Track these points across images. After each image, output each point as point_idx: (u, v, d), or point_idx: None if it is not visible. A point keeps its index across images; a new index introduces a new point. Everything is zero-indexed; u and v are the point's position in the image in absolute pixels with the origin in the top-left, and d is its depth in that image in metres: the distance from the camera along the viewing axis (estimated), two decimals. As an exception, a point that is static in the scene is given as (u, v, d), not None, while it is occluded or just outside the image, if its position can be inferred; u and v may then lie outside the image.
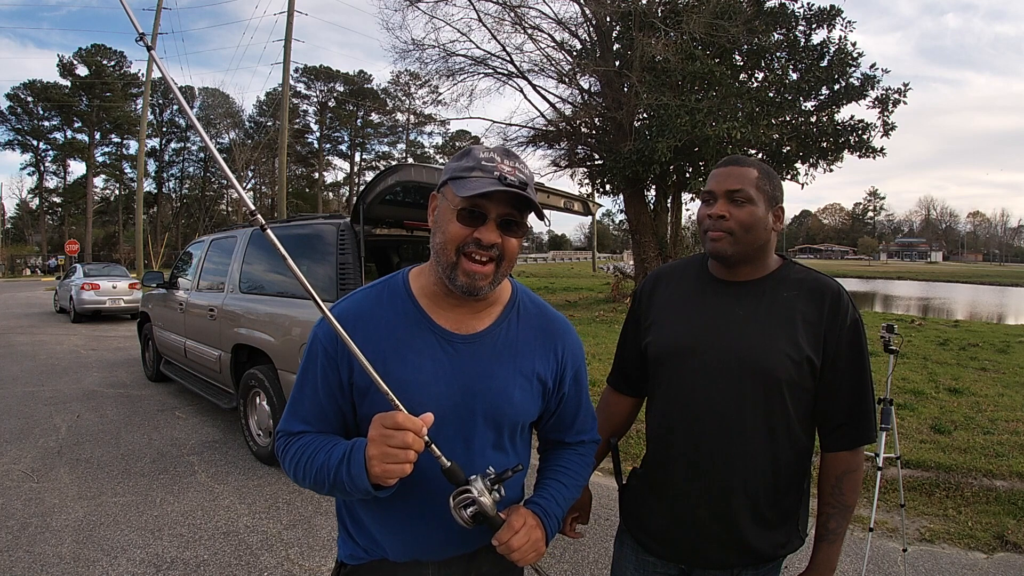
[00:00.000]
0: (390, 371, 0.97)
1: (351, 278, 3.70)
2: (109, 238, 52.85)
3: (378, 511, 1.07)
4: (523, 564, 1.02)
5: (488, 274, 0.99)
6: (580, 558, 2.88)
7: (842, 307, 1.17)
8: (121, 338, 10.34)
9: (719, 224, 1.19)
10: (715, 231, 1.19)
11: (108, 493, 3.56)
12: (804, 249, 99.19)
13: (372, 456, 0.89)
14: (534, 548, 1.01)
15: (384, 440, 0.88)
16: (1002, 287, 34.65)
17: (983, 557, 2.92)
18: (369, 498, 0.97)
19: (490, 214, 0.97)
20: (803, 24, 13.74)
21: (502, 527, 0.98)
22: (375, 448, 0.89)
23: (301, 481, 1.01)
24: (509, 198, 0.97)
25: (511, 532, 0.98)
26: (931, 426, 4.56)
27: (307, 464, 0.99)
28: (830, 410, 1.20)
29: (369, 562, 1.10)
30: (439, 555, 1.09)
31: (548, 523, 1.07)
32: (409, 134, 58.62)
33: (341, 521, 1.14)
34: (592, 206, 4.78)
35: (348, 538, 1.12)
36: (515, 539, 0.98)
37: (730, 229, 1.18)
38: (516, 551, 0.98)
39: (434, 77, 16.00)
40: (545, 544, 1.05)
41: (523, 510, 1.04)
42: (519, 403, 1.07)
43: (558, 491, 1.13)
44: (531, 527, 1.02)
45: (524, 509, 1.05)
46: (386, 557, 1.08)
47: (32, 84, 46.43)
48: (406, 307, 1.06)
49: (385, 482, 0.90)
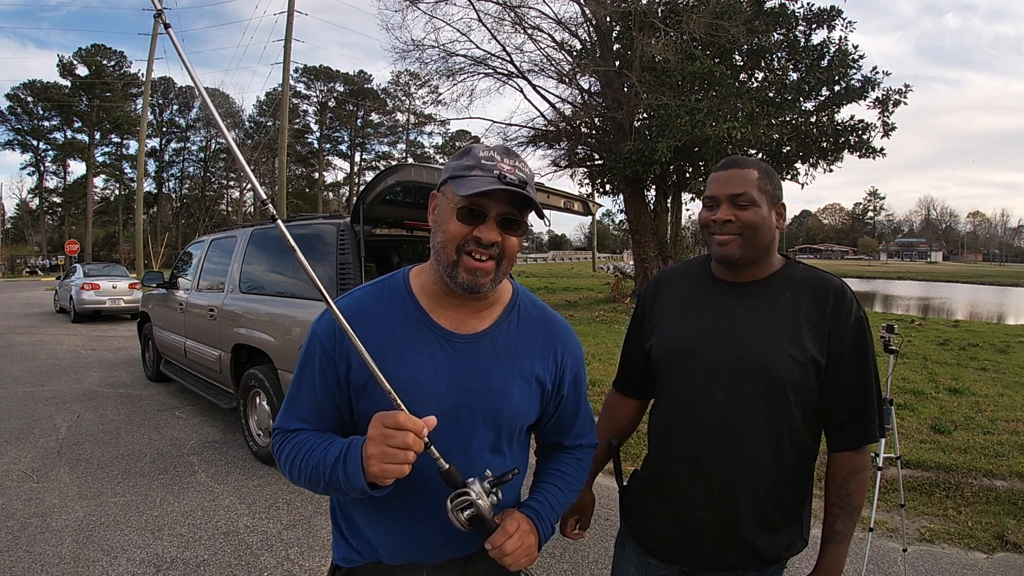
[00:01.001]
0: (389, 369, 0.96)
1: (351, 278, 3.70)
2: (109, 238, 52.85)
3: (373, 512, 1.06)
4: (515, 568, 1.01)
5: (489, 271, 0.99)
6: (580, 558, 2.88)
7: (845, 305, 1.17)
8: (121, 338, 10.34)
9: (726, 228, 1.18)
10: (722, 235, 1.19)
11: (108, 493, 3.55)
12: (804, 249, 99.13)
13: (371, 455, 0.88)
14: (526, 553, 1.01)
15: (384, 440, 0.87)
16: (1002, 287, 34.64)
17: (983, 557, 2.92)
18: (364, 497, 0.96)
19: (490, 213, 0.97)
20: (803, 24, 13.75)
21: (496, 531, 0.98)
22: (374, 447, 0.88)
23: (296, 479, 1.00)
24: (509, 197, 0.97)
25: (505, 536, 0.98)
26: (931, 426, 4.56)
27: (303, 462, 0.98)
28: (834, 409, 1.19)
29: (364, 565, 1.09)
30: (435, 557, 1.08)
31: (542, 527, 1.07)
32: (409, 134, 58.65)
33: (335, 523, 1.13)
34: (592, 206, 4.78)
35: (342, 540, 1.11)
36: (508, 543, 0.98)
37: (738, 232, 1.18)
38: (509, 555, 0.98)
39: (434, 77, 16.02)
40: (538, 549, 1.05)
41: (517, 514, 1.04)
42: (518, 404, 1.07)
43: (553, 495, 1.13)
44: (524, 532, 1.01)
45: (518, 513, 1.04)
46: (381, 560, 1.07)
47: (32, 84, 46.44)
48: (406, 305, 1.06)
49: (382, 482, 0.90)
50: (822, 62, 13.43)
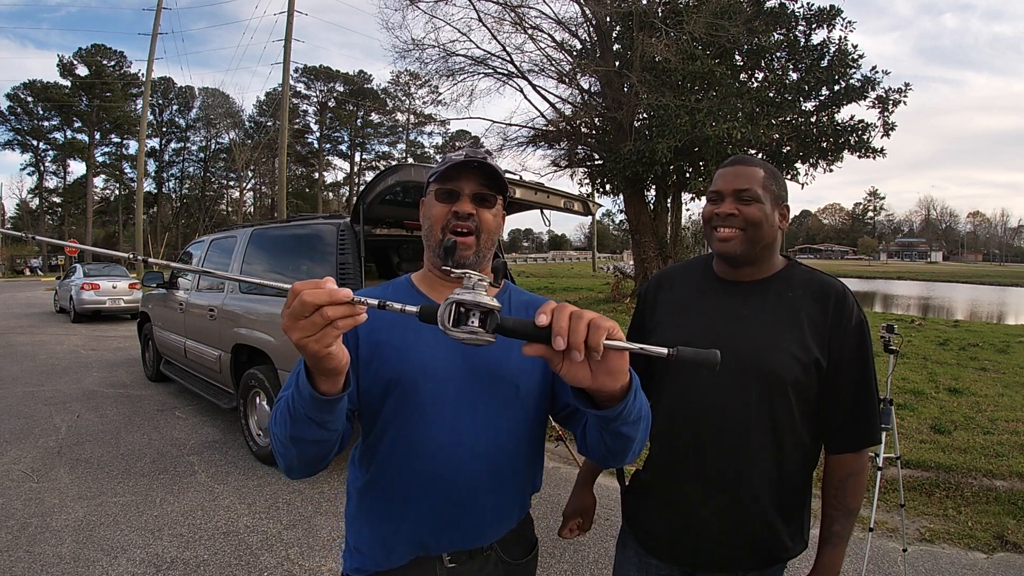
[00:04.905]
0: (392, 338, 1.03)
1: (351, 278, 3.70)
2: (109, 238, 52.80)
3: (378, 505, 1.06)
4: (599, 338, 0.69)
5: (471, 244, 1.07)
6: (580, 558, 2.88)
7: (847, 308, 1.17)
8: (121, 338, 10.34)
9: (729, 222, 1.18)
10: (725, 228, 1.19)
11: (108, 493, 3.55)
12: (804, 249, 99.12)
13: (293, 340, 0.73)
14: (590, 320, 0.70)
15: (290, 317, 0.72)
16: (1002, 287, 34.63)
17: (983, 557, 2.92)
18: (320, 407, 0.83)
19: (463, 191, 1.07)
20: (803, 24, 13.73)
21: (526, 321, 0.73)
22: (288, 329, 0.73)
23: (274, 431, 0.92)
24: (479, 177, 1.07)
25: (546, 315, 0.71)
26: (931, 426, 4.56)
27: (280, 411, 0.90)
28: (834, 411, 1.19)
29: (374, 572, 1.08)
30: (447, 545, 1.06)
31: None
32: (409, 134, 58.58)
33: (347, 535, 1.13)
34: (592, 206, 4.77)
35: (351, 550, 1.11)
36: (559, 315, 0.70)
37: (741, 227, 1.18)
38: (581, 320, 0.69)
39: (434, 77, 15.99)
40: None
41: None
42: (517, 363, 1.06)
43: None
44: (564, 306, 0.72)
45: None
46: (391, 567, 1.07)
47: (32, 84, 46.37)
48: (409, 292, 1.14)
49: (317, 364, 0.77)
50: (822, 62, 13.41)
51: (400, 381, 1.02)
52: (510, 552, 1.13)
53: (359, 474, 1.10)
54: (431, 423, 1.01)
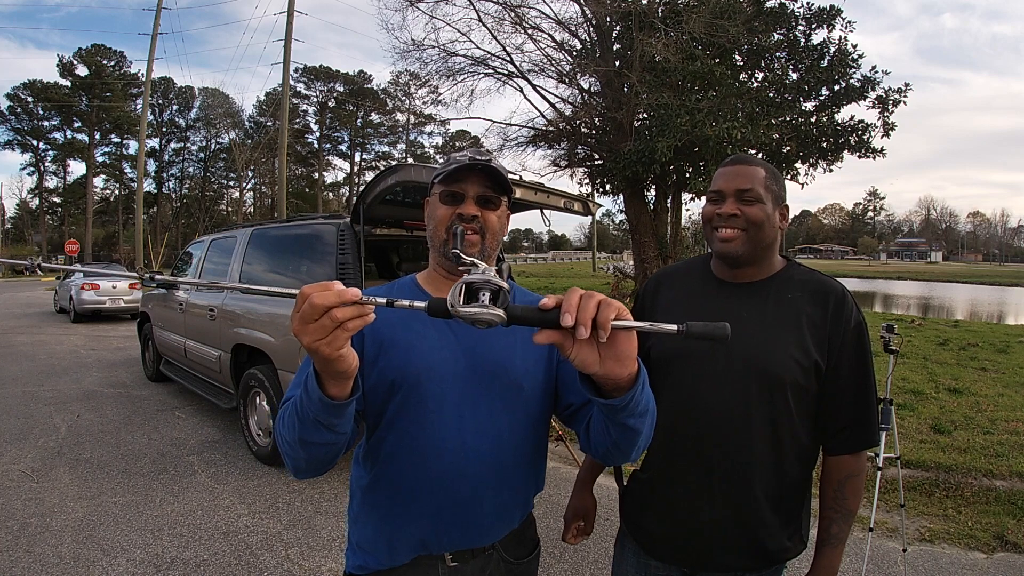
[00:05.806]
0: (397, 337, 1.03)
1: (351, 278, 3.69)
2: (109, 238, 52.83)
3: (381, 503, 1.06)
4: (608, 315, 0.69)
5: (475, 243, 1.08)
6: (580, 558, 2.88)
7: (846, 309, 1.17)
8: (121, 338, 10.33)
9: (731, 222, 1.18)
10: (727, 228, 1.19)
11: (108, 493, 3.55)
12: (804, 249, 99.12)
13: (304, 344, 0.74)
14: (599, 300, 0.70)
15: (300, 321, 0.73)
16: (1002, 287, 34.63)
17: (983, 557, 2.92)
18: (329, 411, 0.82)
19: (468, 193, 1.08)
20: (803, 24, 13.73)
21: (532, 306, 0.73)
22: (299, 333, 0.73)
23: (281, 432, 0.92)
24: (483, 179, 1.08)
25: (554, 298, 0.72)
26: (931, 426, 4.56)
27: (287, 413, 0.91)
28: (833, 413, 1.19)
29: (377, 570, 1.08)
30: (449, 545, 1.06)
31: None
32: (409, 134, 58.58)
33: (349, 533, 1.14)
34: (592, 206, 4.77)
35: (353, 548, 1.11)
36: (570, 292, 0.71)
37: (742, 227, 1.17)
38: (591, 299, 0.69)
39: (434, 77, 15.98)
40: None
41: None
42: (520, 363, 1.06)
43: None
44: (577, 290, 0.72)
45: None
46: (393, 566, 1.07)
47: (32, 84, 46.36)
48: (413, 291, 1.15)
49: (327, 368, 0.77)
50: (822, 62, 13.40)
51: (404, 381, 1.02)
52: (512, 552, 1.13)
53: (362, 472, 1.10)
54: (435, 423, 1.02)
